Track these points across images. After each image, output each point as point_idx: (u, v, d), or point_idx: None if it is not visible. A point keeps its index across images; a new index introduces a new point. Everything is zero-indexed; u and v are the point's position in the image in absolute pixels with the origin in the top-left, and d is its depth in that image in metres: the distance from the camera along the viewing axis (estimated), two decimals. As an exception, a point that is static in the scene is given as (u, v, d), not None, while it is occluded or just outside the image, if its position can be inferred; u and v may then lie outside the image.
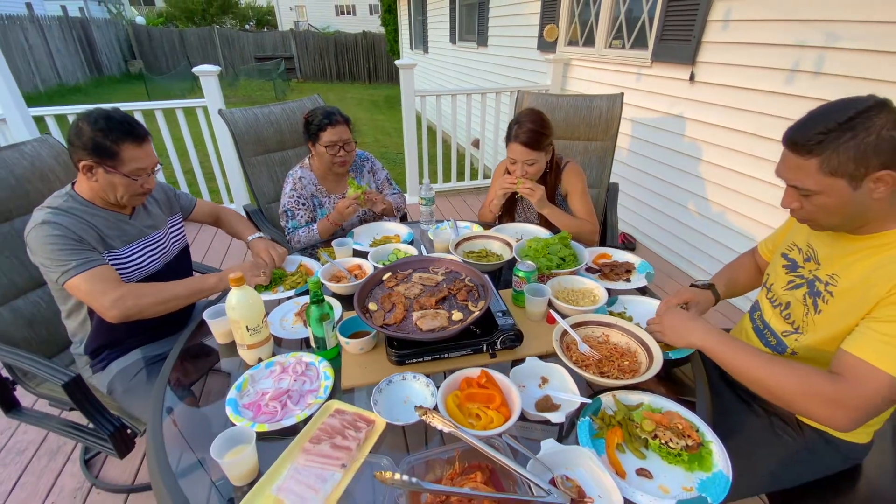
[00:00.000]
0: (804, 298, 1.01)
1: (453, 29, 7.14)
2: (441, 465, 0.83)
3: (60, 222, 1.15)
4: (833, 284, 0.95)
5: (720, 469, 0.82)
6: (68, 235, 1.15)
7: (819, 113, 0.86)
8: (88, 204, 1.23)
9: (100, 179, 1.19)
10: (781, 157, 0.92)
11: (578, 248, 1.49)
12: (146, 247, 1.34)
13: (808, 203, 0.91)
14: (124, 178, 1.20)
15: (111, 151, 1.16)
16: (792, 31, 2.22)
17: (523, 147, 1.63)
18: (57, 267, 1.13)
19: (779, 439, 1.08)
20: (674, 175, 3.07)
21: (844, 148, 0.81)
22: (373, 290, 1.22)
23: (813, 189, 0.87)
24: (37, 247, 1.14)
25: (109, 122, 1.16)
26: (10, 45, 10.52)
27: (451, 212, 4.09)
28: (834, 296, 0.94)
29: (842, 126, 0.81)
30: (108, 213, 1.27)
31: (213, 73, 3.33)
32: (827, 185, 0.85)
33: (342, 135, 1.76)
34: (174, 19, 21.09)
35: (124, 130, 1.17)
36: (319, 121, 1.75)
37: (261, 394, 0.99)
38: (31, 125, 2.80)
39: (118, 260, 1.25)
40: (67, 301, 1.28)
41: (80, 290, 1.14)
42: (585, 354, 1.07)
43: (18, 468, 1.73)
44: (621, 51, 3.45)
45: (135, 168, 1.20)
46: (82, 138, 1.16)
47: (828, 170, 0.84)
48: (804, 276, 1.03)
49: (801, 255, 1.06)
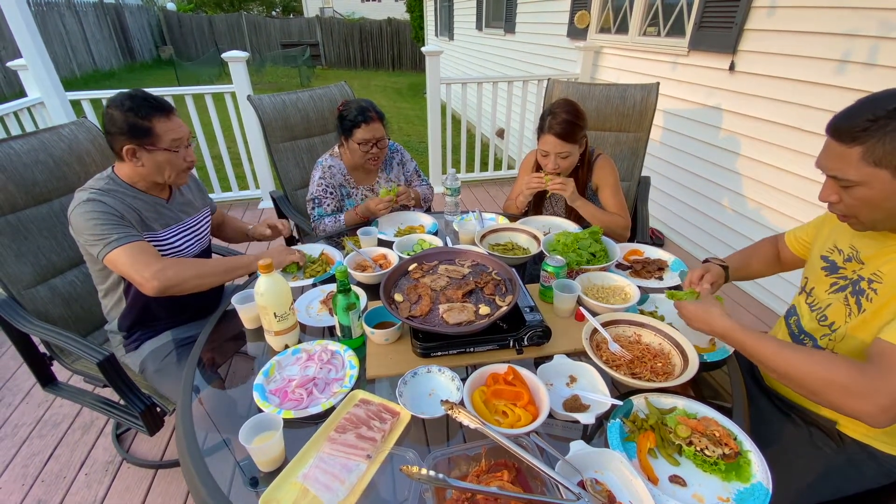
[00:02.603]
0: (846, 299, 0.98)
1: (480, 15, 7.01)
2: (467, 462, 0.82)
3: (104, 200, 1.19)
4: (878, 282, 0.91)
5: (759, 480, 0.78)
6: (110, 212, 1.18)
7: (867, 101, 0.83)
8: (128, 187, 1.27)
9: (145, 162, 1.23)
10: (823, 147, 0.89)
11: (609, 243, 1.45)
12: (182, 231, 1.37)
13: (848, 196, 0.87)
14: (166, 152, 1.23)
15: (145, 128, 1.20)
16: (844, 18, 2.08)
17: (557, 139, 1.58)
18: (99, 240, 1.16)
19: (818, 451, 1.04)
20: (708, 169, 2.95)
21: (891, 137, 0.78)
22: (398, 280, 1.21)
23: (854, 180, 0.84)
24: (80, 223, 1.17)
25: (134, 100, 1.20)
26: (49, 30, 10.83)
27: (475, 203, 4.05)
28: (878, 293, 0.91)
29: (890, 114, 0.78)
30: (148, 196, 1.30)
31: (242, 59, 3.35)
32: (869, 175, 0.82)
33: (376, 133, 1.73)
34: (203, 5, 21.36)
35: (150, 106, 1.21)
36: (354, 116, 1.71)
37: (287, 380, 1.00)
38: (69, 109, 2.87)
39: (156, 242, 1.28)
40: (106, 279, 1.31)
41: (122, 261, 1.16)
42: (616, 354, 1.04)
43: (54, 440, 1.80)
44: (656, 38, 3.31)
45: (171, 139, 1.23)
46: (117, 124, 1.19)
47: (872, 159, 0.81)
48: (847, 277, 0.99)
49: (842, 257, 1.02)
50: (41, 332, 1.30)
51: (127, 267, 1.17)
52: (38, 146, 1.43)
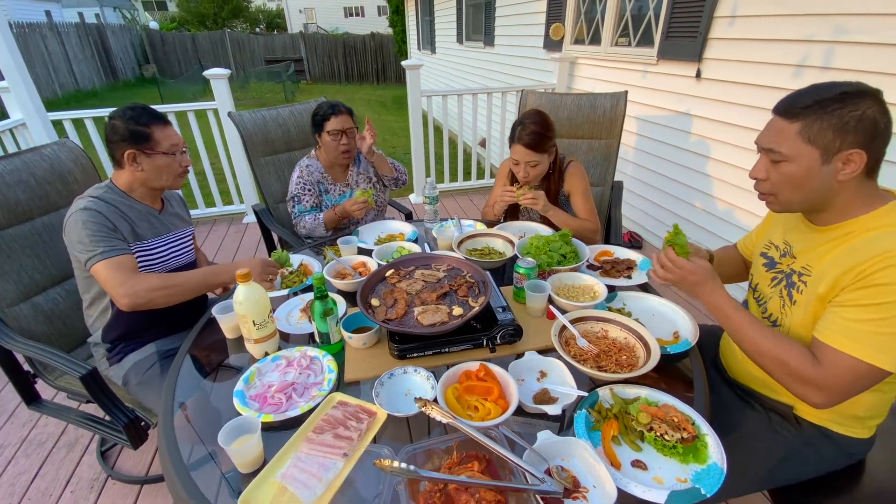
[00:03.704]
0: (780, 292, 1.04)
1: (460, 29, 7.16)
2: (440, 455, 0.85)
3: (99, 210, 1.25)
4: (807, 275, 0.97)
5: (714, 461, 0.83)
6: (103, 223, 1.25)
7: (817, 86, 0.89)
8: (124, 195, 1.35)
9: (145, 167, 1.32)
10: (766, 125, 0.96)
11: (579, 245, 1.51)
12: (171, 242, 1.43)
13: (775, 172, 0.93)
14: (164, 156, 1.33)
15: (145, 134, 1.30)
16: (800, 25, 2.20)
17: (526, 149, 1.65)
18: (87, 251, 1.22)
19: (777, 435, 1.09)
20: (680, 173, 3.05)
21: (829, 116, 0.84)
22: (376, 286, 1.25)
23: (785, 153, 0.90)
24: (74, 230, 1.23)
25: (135, 111, 1.32)
26: (31, 51, 10.79)
27: (458, 211, 4.11)
28: (808, 285, 0.97)
29: (834, 98, 0.84)
30: (142, 205, 1.38)
31: (224, 76, 3.39)
32: (800, 151, 0.88)
33: (345, 123, 1.88)
34: (186, 24, 21.44)
35: (149, 114, 1.33)
36: (324, 111, 1.89)
37: (267, 386, 1.03)
38: (51, 129, 2.89)
39: (146, 250, 1.34)
40: (91, 288, 1.35)
41: (102, 275, 1.22)
42: (584, 349, 1.09)
43: (39, 459, 1.79)
44: (627, 48, 3.44)
45: (169, 144, 1.34)
46: (119, 132, 1.29)
47: (807, 135, 0.87)
48: (783, 271, 1.06)
49: (778, 252, 1.09)
50: (24, 348, 1.31)
51: (105, 281, 1.22)
52: (20, 166, 1.45)
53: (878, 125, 0.84)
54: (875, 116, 0.83)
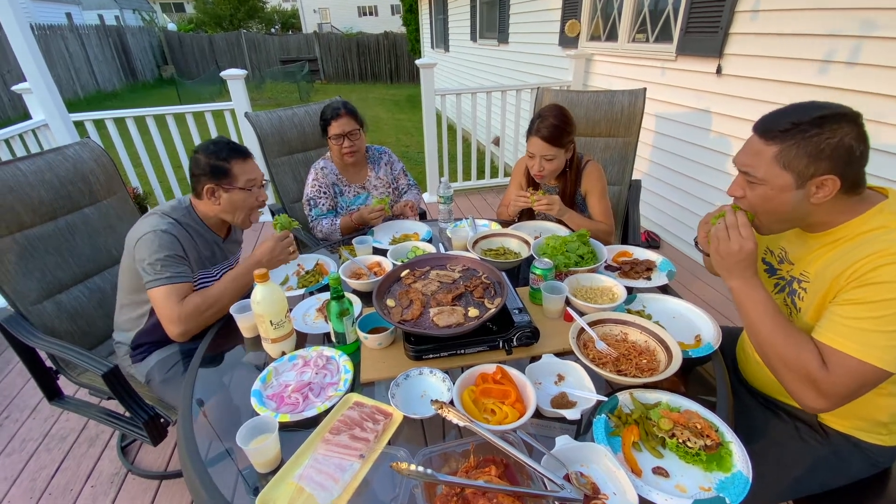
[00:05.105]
0: (784, 300, 1.03)
1: (474, 27, 7.13)
2: (456, 458, 0.84)
3: (177, 236, 1.29)
4: (806, 281, 0.97)
5: (739, 469, 0.81)
6: (176, 251, 1.28)
7: (797, 106, 0.88)
8: (200, 223, 1.40)
9: (222, 201, 1.36)
10: (745, 143, 0.95)
11: (597, 245, 1.48)
12: (227, 269, 1.48)
13: (752, 193, 0.93)
14: (241, 191, 1.36)
15: (224, 169, 1.33)
16: (825, 19, 2.13)
17: (543, 142, 1.63)
18: (153, 273, 1.23)
19: (805, 444, 1.05)
20: (700, 171, 2.99)
21: (806, 143, 0.84)
22: (391, 286, 1.25)
23: (760, 177, 0.90)
24: (145, 248, 1.24)
25: (217, 146, 1.35)
26: (52, 53, 11.07)
27: (472, 210, 4.09)
28: (808, 291, 0.96)
29: (812, 122, 0.84)
30: (211, 234, 1.43)
31: (240, 76, 3.43)
32: (775, 176, 0.88)
33: (345, 127, 1.88)
34: (203, 25, 21.74)
35: (230, 149, 1.35)
36: (327, 116, 1.90)
37: (284, 385, 1.03)
38: (73, 130, 2.94)
39: (208, 278, 1.38)
40: (137, 295, 1.36)
41: (157, 299, 1.24)
42: (602, 352, 1.07)
43: (61, 454, 1.83)
44: (645, 45, 3.38)
45: (246, 180, 1.36)
46: (200, 166, 1.33)
47: (782, 161, 0.87)
48: (784, 278, 1.04)
49: (776, 259, 1.08)
50: (48, 346, 1.34)
51: (160, 307, 1.24)
52: (43, 167, 1.48)
53: (854, 152, 0.83)
54: (850, 144, 0.83)
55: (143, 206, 3.31)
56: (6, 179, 1.39)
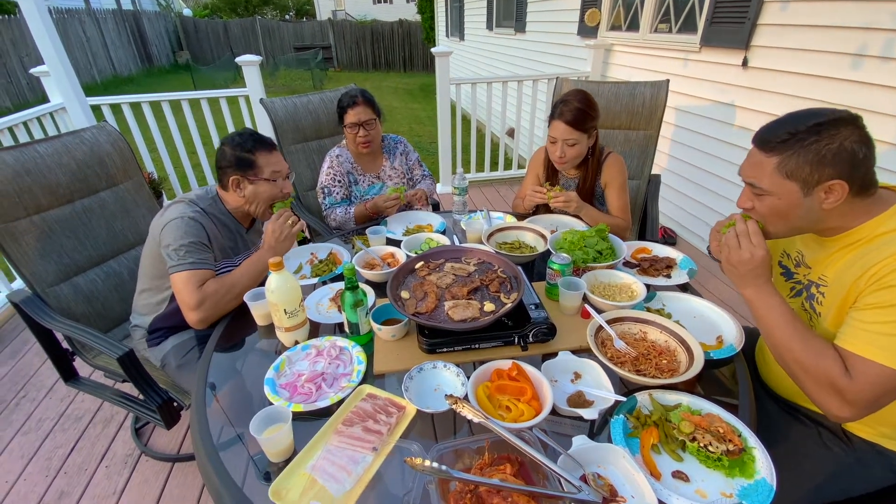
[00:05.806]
0: (802, 304, 1.01)
1: (490, 15, 7.01)
2: (470, 455, 0.83)
3: (203, 224, 1.30)
4: (824, 285, 0.95)
5: (763, 476, 0.78)
6: (201, 239, 1.29)
7: (793, 115, 0.88)
8: (226, 213, 1.41)
9: (247, 192, 1.36)
10: (747, 154, 0.94)
11: (616, 241, 1.45)
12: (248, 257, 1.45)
13: (760, 204, 0.92)
14: (266, 182, 1.36)
15: (249, 161, 1.34)
16: (859, 11, 2.05)
17: (566, 126, 1.60)
18: (177, 258, 1.24)
19: (828, 451, 1.03)
20: (721, 167, 2.91)
21: (805, 151, 0.83)
22: (405, 278, 1.23)
23: (765, 189, 0.90)
24: (171, 234, 1.25)
25: (242, 137, 1.36)
26: (70, 37, 11.13)
27: (485, 203, 4.05)
28: (826, 296, 0.94)
29: (809, 130, 0.83)
30: (235, 223, 1.44)
31: (255, 62, 3.41)
32: (780, 186, 0.88)
33: (361, 115, 1.85)
34: (219, 11, 21.75)
35: (255, 140, 1.36)
36: (344, 104, 1.87)
37: (297, 375, 1.02)
38: (90, 113, 2.96)
39: (233, 267, 1.37)
40: (159, 280, 1.37)
41: (178, 284, 1.24)
42: (621, 351, 1.04)
43: (76, 434, 1.87)
44: (667, 35, 3.28)
45: (271, 171, 1.36)
46: (226, 157, 1.34)
47: (784, 171, 0.86)
48: (801, 282, 1.03)
49: (792, 262, 1.06)
50: (64, 328, 1.35)
51: (181, 291, 1.24)
52: (61, 149, 1.48)
53: (857, 155, 0.81)
54: (852, 147, 0.81)
55: (158, 191, 3.33)
56: (24, 162, 1.39)
